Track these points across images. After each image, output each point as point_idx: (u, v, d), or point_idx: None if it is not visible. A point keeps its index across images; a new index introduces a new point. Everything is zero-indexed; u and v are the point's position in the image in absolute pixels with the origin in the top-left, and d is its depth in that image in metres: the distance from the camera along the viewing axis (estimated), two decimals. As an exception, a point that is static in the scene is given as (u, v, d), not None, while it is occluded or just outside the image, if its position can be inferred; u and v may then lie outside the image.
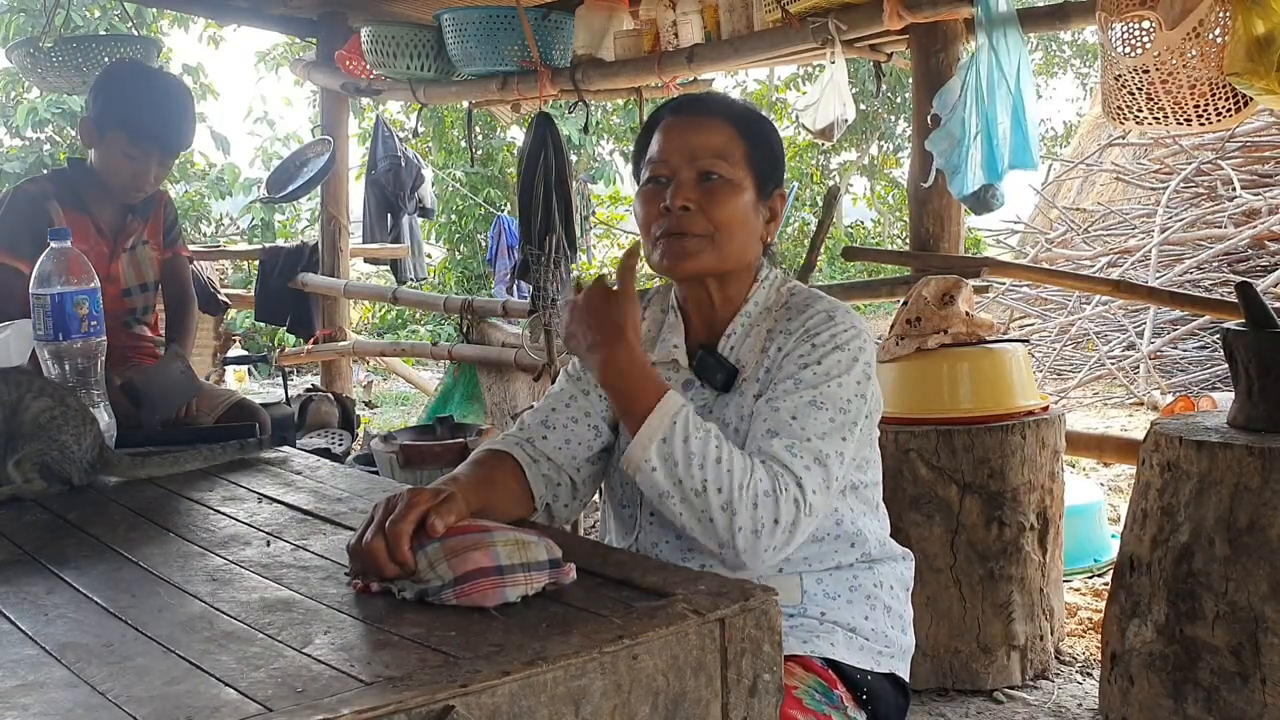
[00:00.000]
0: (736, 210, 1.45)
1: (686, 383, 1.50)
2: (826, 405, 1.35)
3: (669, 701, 0.97)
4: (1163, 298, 4.65)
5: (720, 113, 1.48)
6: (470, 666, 0.90)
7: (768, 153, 1.50)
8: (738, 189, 1.45)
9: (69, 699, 0.89)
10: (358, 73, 4.83)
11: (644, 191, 1.49)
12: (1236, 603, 2.02)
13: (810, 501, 1.30)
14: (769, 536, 1.27)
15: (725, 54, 3.76)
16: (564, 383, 1.56)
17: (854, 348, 1.40)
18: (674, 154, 1.46)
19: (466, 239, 11.06)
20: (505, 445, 1.48)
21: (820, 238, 3.49)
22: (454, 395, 5.12)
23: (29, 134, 9.76)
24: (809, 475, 1.31)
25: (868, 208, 13.70)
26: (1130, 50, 2.73)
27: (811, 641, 1.41)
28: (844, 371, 1.38)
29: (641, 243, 1.52)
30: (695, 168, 1.44)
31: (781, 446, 1.32)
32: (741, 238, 1.46)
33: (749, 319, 1.49)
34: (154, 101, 2.62)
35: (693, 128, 1.47)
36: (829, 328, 1.41)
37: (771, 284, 1.52)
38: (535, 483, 1.46)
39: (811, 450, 1.32)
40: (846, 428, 1.36)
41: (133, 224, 2.76)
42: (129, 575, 1.22)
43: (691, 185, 1.44)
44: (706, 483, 1.26)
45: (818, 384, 1.37)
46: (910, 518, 2.65)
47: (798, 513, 1.28)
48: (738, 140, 1.46)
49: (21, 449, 1.59)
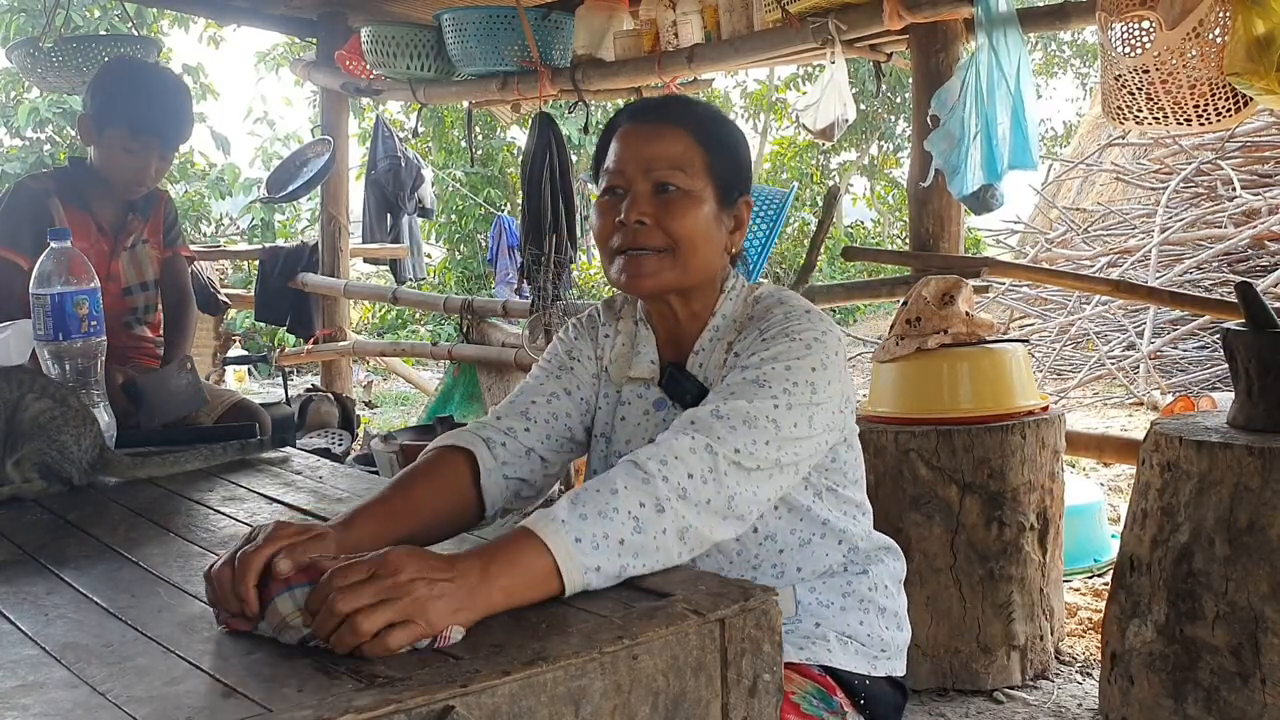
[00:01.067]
0: (696, 223, 1.38)
1: (658, 402, 1.45)
2: (769, 383, 1.27)
3: (669, 702, 0.97)
4: (1163, 298, 4.65)
5: (678, 120, 1.41)
6: (470, 666, 0.90)
7: (730, 159, 1.43)
8: (697, 200, 1.38)
9: (69, 699, 0.88)
10: (358, 73, 4.84)
11: (600, 203, 1.43)
12: (1236, 603, 2.02)
13: (728, 454, 1.19)
14: (696, 494, 1.16)
15: (725, 54, 3.76)
16: (543, 377, 1.50)
17: (807, 338, 1.32)
18: (629, 164, 1.39)
19: (466, 239, 11.07)
20: (469, 444, 1.38)
21: (820, 238, 3.50)
22: (454, 395, 5.12)
23: (29, 134, 9.76)
24: (731, 434, 1.20)
25: (868, 208, 13.71)
26: (1130, 50, 2.73)
27: (808, 649, 1.40)
28: (793, 358, 1.30)
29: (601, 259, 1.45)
30: (651, 179, 1.38)
31: (706, 411, 1.23)
32: (704, 251, 1.40)
33: (716, 333, 1.43)
34: (152, 96, 2.61)
35: (649, 136, 1.40)
36: (783, 323, 1.35)
37: (739, 294, 1.46)
38: (490, 489, 1.37)
39: (739, 412, 1.23)
40: (793, 408, 1.26)
41: (133, 222, 2.76)
42: (129, 575, 1.22)
43: (647, 198, 1.38)
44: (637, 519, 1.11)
45: (761, 366, 1.29)
46: (910, 518, 2.65)
47: (714, 458, 1.18)
48: (696, 148, 1.39)
49: (21, 449, 1.59)
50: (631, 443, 1.43)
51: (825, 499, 1.42)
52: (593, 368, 1.51)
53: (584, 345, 1.52)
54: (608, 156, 1.43)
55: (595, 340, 1.53)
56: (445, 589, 0.98)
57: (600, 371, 1.51)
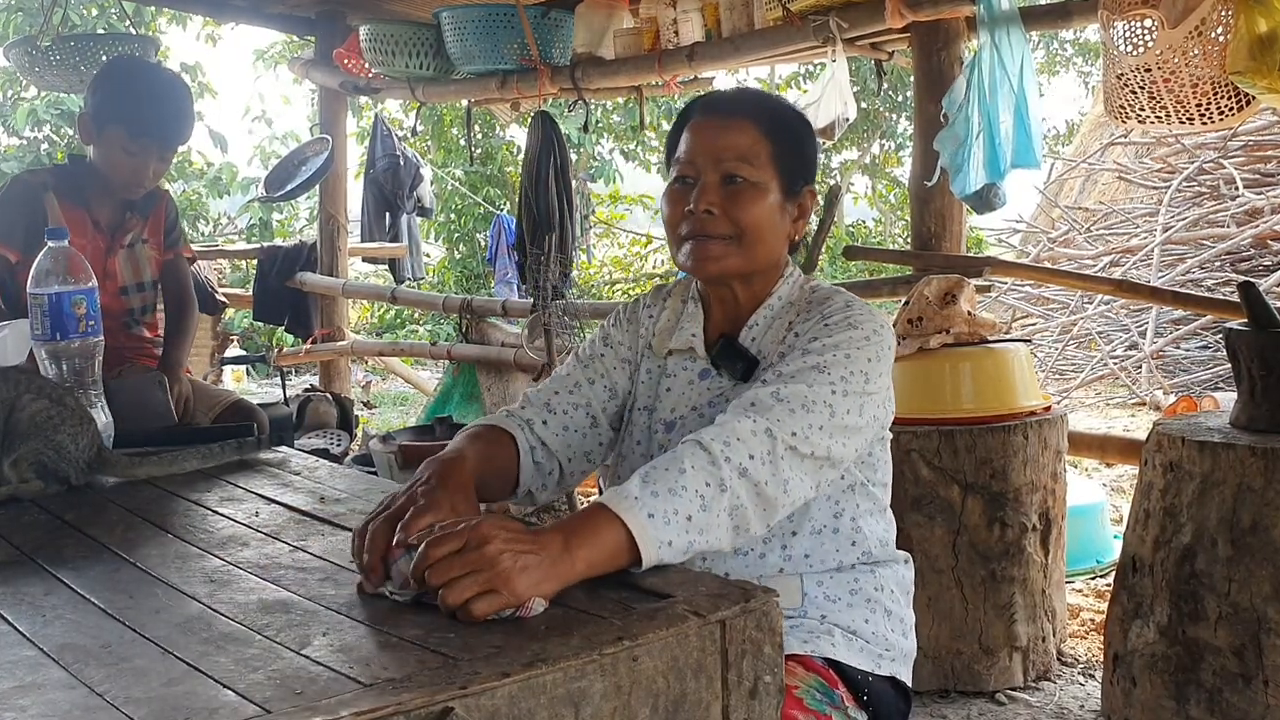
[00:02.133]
0: (761, 213, 1.45)
1: (703, 371, 1.51)
2: (828, 369, 1.34)
3: (669, 703, 0.96)
4: (1165, 297, 4.65)
5: (746, 113, 1.47)
6: (470, 668, 0.90)
7: (796, 150, 1.49)
8: (762, 191, 1.45)
9: (67, 700, 0.88)
10: (356, 71, 4.83)
11: (670, 191, 1.50)
12: (1239, 604, 2.01)
13: (786, 437, 1.26)
14: (756, 474, 1.23)
15: (726, 52, 3.76)
16: (572, 367, 1.58)
17: (868, 329, 1.39)
18: (699, 155, 1.46)
19: (465, 238, 11.07)
20: (509, 425, 1.48)
21: (821, 237, 3.48)
22: (453, 395, 5.12)
23: (27, 133, 9.76)
24: (790, 417, 1.27)
25: (869, 207, 13.71)
26: (1132, 49, 2.72)
27: (812, 641, 1.40)
28: (854, 347, 1.36)
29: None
30: (720, 170, 1.44)
31: (767, 393, 1.30)
32: (768, 239, 1.47)
33: (772, 312, 1.49)
34: (152, 96, 2.60)
35: (718, 129, 1.46)
36: (845, 312, 1.42)
37: (796, 280, 1.52)
38: (525, 470, 1.47)
39: (798, 396, 1.30)
40: (848, 395, 1.33)
41: (131, 221, 2.75)
42: (127, 576, 1.22)
43: (715, 188, 1.44)
44: (703, 497, 1.19)
45: (824, 352, 1.36)
46: (912, 518, 2.65)
47: (773, 442, 1.25)
48: (763, 141, 1.45)
49: (18, 449, 1.58)
50: (676, 410, 1.50)
51: (856, 493, 1.46)
52: (625, 353, 1.58)
53: (619, 332, 1.60)
54: (679, 147, 1.50)
55: (637, 323, 1.60)
56: (529, 561, 1.06)
57: (642, 349, 1.58)
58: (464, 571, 1.04)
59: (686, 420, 1.48)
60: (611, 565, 1.13)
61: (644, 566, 1.14)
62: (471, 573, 1.04)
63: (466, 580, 1.03)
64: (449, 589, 1.03)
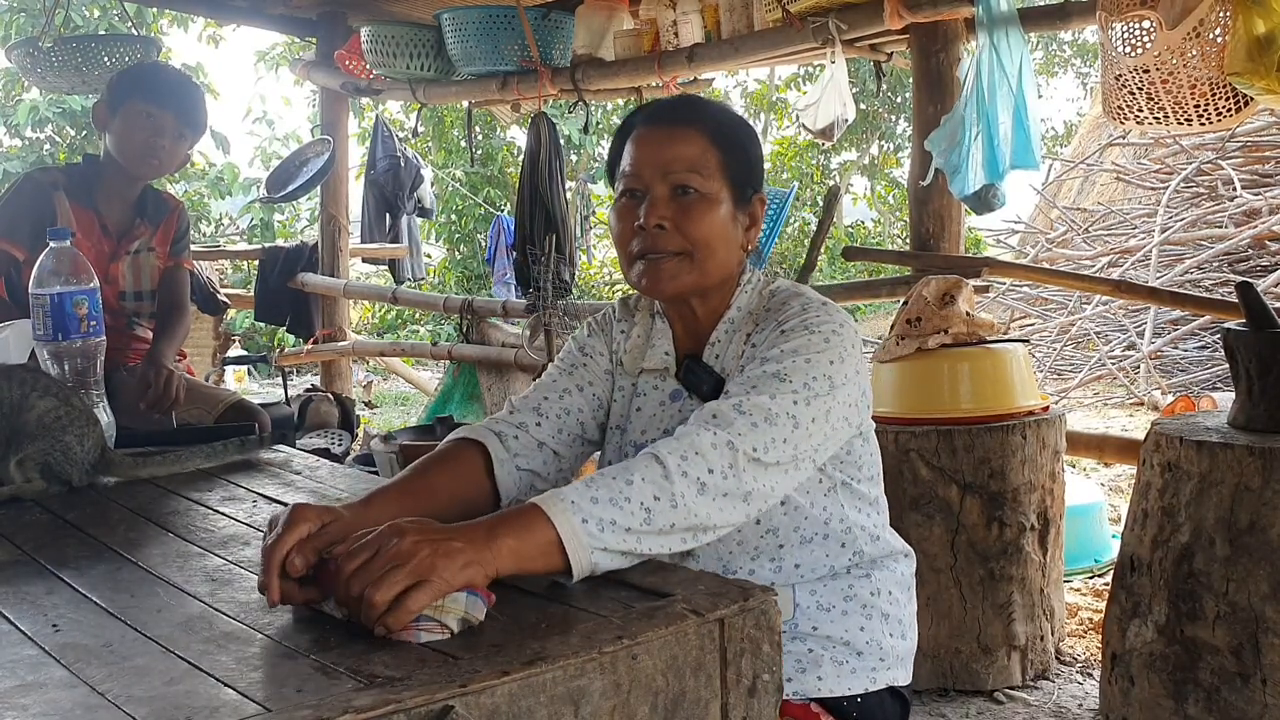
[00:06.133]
0: (714, 225, 1.40)
1: (674, 393, 1.47)
2: (789, 378, 1.29)
3: (668, 701, 0.97)
4: (1163, 298, 4.65)
5: (693, 121, 1.42)
6: (469, 666, 0.90)
7: (744, 159, 1.44)
8: (714, 202, 1.40)
9: (68, 699, 0.88)
10: (357, 72, 4.84)
11: (618, 206, 1.44)
12: (1237, 603, 2.02)
13: (747, 450, 1.21)
14: (714, 488, 1.18)
15: (725, 54, 3.76)
16: (556, 374, 1.53)
17: (825, 331, 1.34)
18: (645, 167, 1.40)
19: (466, 239, 11.06)
20: (482, 436, 1.42)
21: (820, 238, 3.49)
22: (454, 395, 5.12)
23: (29, 134, 9.76)
24: (752, 431, 1.23)
25: (868, 207, 13.70)
26: (1131, 50, 2.73)
27: (797, 679, 1.38)
28: (814, 352, 1.32)
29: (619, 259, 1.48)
30: (669, 182, 1.39)
31: (728, 405, 1.25)
32: (721, 252, 1.42)
33: (732, 325, 1.46)
34: (168, 74, 2.78)
35: (665, 139, 1.41)
36: (801, 316, 1.37)
37: (754, 287, 1.48)
38: (505, 482, 1.40)
39: (760, 408, 1.25)
40: (811, 403, 1.29)
41: (140, 228, 2.75)
42: (128, 575, 1.22)
43: (665, 201, 1.39)
44: (648, 510, 1.14)
45: (782, 359, 1.31)
46: (910, 518, 2.65)
47: (734, 454, 1.20)
48: (712, 150, 1.41)
49: (25, 448, 1.58)
50: (647, 433, 1.46)
51: (840, 493, 1.42)
52: (605, 364, 1.54)
53: (596, 342, 1.55)
54: (623, 159, 1.45)
55: (609, 336, 1.56)
56: (451, 548, 1.02)
57: (614, 366, 1.54)
58: (383, 571, 0.98)
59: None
60: (541, 564, 1.07)
61: (575, 574, 1.08)
62: (392, 568, 0.98)
63: (390, 578, 0.97)
64: (375, 588, 0.97)
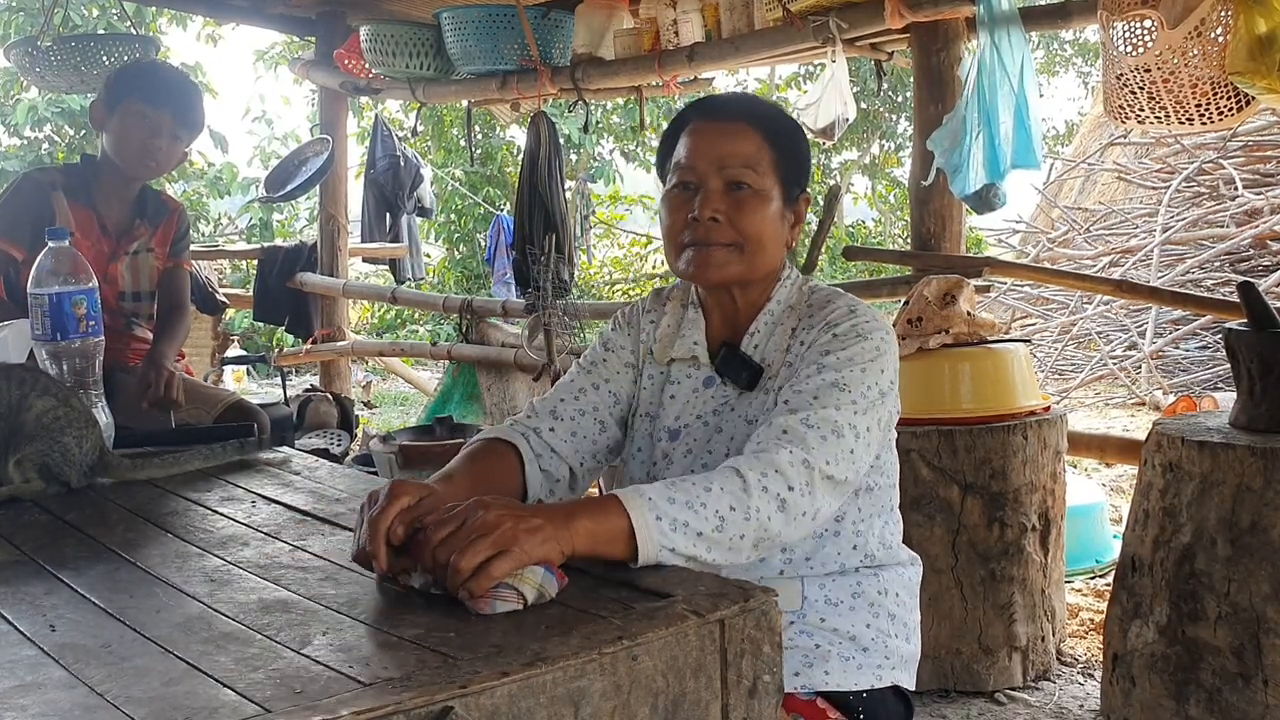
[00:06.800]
0: (765, 221, 1.44)
1: (707, 379, 1.50)
2: (849, 388, 1.34)
3: (669, 702, 0.96)
4: (1165, 298, 4.65)
5: (749, 118, 1.46)
6: (469, 667, 0.90)
7: (795, 158, 1.48)
8: (765, 199, 1.44)
9: (67, 700, 0.88)
10: (357, 71, 4.83)
11: (670, 197, 1.48)
12: (1238, 604, 2.02)
13: (822, 466, 1.27)
14: (794, 506, 1.24)
15: (726, 53, 3.76)
16: (575, 374, 1.57)
17: (877, 338, 1.40)
18: (701, 161, 1.44)
19: (466, 238, 11.06)
20: (510, 436, 1.47)
21: (821, 237, 3.48)
22: (453, 395, 5.12)
23: (28, 133, 9.76)
24: (823, 445, 1.28)
25: (869, 207, 13.70)
26: (1132, 49, 2.72)
27: (804, 674, 1.39)
28: (868, 360, 1.37)
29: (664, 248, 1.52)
30: (724, 176, 1.43)
31: (798, 420, 1.30)
32: (769, 247, 1.46)
33: (772, 317, 1.49)
34: (165, 73, 2.76)
35: (721, 134, 1.45)
36: (850, 319, 1.41)
37: (794, 283, 1.51)
38: (532, 480, 1.45)
39: (828, 422, 1.30)
40: (867, 412, 1.35)
41: (139, 229, 2.75)
42: (127, 576, 1.22)
43: (720, 195, 1.43)
44: (722, 519, 1.19)
45: (841, 368, 1.36)
46: (911, 518, 2.64)
47: (810, 473, 1.26)
48: (766, 148, 1.45)
49: (23, 448, 1.58)
50: (681, 419, 1.49)
51: (860, 496, 1.45)
52: (628, 356, 1.57)
53: (620, 336, 1.58)
54: (677, 151, 1.48)
55: (637, 328, 1.58)
56: (533, 523, 1.08)
57: (643, 356, 1.56)
58: (468, 540, 1.05)
59: (691, 429, 1.47)
60: (610, 548, 1.13)
61: (639, 562, 1.14)
62: (478, 538, 1.05)
63: (475, 546, 1.04)
64: (461, 555, 1.03)
